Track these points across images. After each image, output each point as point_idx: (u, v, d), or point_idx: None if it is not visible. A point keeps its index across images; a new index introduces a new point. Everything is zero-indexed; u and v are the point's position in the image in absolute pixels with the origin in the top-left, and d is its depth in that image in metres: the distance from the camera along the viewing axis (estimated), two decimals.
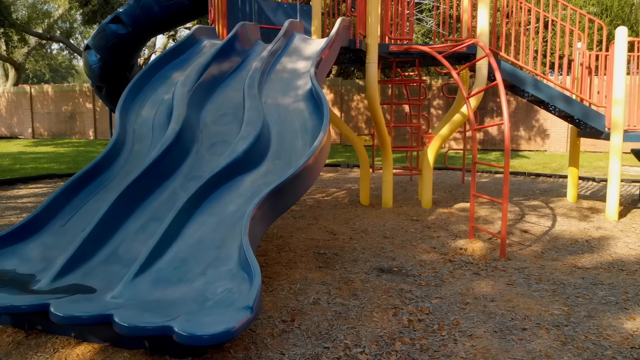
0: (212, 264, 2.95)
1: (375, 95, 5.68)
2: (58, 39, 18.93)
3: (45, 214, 3.56)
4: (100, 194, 3.75)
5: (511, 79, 5.93)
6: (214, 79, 4.64)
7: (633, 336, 2.81)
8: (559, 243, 4.81)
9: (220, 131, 4.21)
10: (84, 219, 3.53)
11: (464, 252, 4.47)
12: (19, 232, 3.43)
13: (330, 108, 4.20)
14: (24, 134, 19.90)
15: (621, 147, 5.69)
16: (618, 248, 4.64)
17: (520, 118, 14.51)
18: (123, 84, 7.16)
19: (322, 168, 4.07)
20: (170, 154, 3.78)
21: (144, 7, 6.24)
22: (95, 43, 6.58)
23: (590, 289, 3.56)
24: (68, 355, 2.58)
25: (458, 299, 3.36)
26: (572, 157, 6.96)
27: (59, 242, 3.38)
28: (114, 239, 3.30)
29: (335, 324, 2.95)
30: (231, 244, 3.07)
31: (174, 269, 2.93)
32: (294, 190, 3.49)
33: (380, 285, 3.58)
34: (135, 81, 4.58)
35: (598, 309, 3.20)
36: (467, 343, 2.71)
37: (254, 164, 3.76)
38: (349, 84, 16.63)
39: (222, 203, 3.43)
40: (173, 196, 3.60)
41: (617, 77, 5.63)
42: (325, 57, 4.70)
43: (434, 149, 6.13)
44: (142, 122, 4.35)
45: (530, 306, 3.23)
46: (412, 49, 5.63)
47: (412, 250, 4.49)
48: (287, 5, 6.36)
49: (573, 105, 5.91)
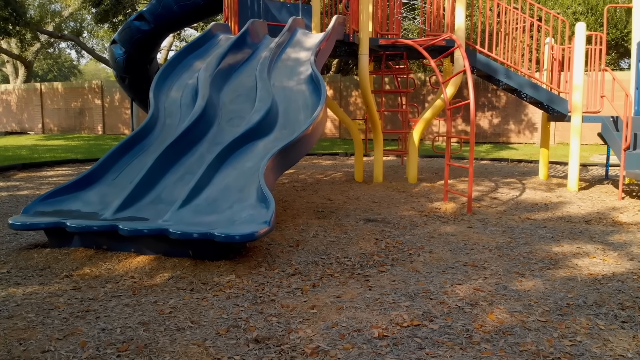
0: (236, 202, 3.93)
1: (366, 82, 6.67)
2: (68, 38, 19.95)
3: (99, 171, 4.54)
4: (141, 157, 4.73)
5: (486, 69, 6.92)
6: (229, 66, 5.62)
7: (556, 254, 3.78)
8: (520, 205, 5.79)
9: (236, 109, 5.19)
10: (130, 175, 4.50)
11: (438, 210, 5.45)
12: (78, 184, 4.40)
13: (327, 91, 5.18)
14: (34, 129, 20.91)
15: (580, 127, 6.67)
16: (569, 209, 5.61)
17: (511, 112, 15.49)
18: (144, 75, 8.17)
19: (319, 136, 5.05)
20: (197, 125, 4.76)
21: (164, 7, 7.23)
22: (120, 38, 7.57)
23: (534, 230, 4.53)
24: (130, 263, 3.55)
25: (426, 235, 4.34)
26: (544, 140, 7.94)
27: (112, 191, 4.36)
28: (157, 187, 4.28)
29: (329, 246, 3.93)
30: (251, 188, 4.05)
31: (207, 205, 3.91)
32: (296, 151, 4.48)
33: (366, 228, 4.56)
34: (164, 68, 5.57)
35: (535, 240, 4.18)
36: (427, 256, 3.70)
37: (265, 132, 4.74)
38: (347, 80, 17.62)
39: (241, 160, 4.41)
40: (201, 157, 4.58)
41: (577, 66, 6.61)
42: (323, 48, 5.69)
43: (419, 131, 7.10)
44: (171, 101, 5.34)
45: (482, 238, 4.21)
46: (398, 43, 6.63)
47: (395, 210, 5.47)
48: (290, 4, 7.35)
49: (540, 92, 6.89)
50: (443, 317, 2.52)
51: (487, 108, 15.77)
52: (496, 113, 15.71)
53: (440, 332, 2.36)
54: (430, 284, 3.05)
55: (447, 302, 2.72)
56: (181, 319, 2.56)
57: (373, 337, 2.31)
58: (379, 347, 2.20)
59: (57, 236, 3.90)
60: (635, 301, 2.80)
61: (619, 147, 6.28)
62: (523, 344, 2.24)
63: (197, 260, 3.49)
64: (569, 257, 3.68)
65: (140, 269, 3.41)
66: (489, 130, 15.76)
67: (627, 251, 3.85)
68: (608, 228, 4.65)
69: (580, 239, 4.21)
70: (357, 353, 2.16)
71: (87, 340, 2.32)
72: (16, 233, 4.52)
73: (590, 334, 2.37)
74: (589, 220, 4.99)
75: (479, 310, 2.63)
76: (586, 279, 3.17)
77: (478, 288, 2.97)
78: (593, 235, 4.36)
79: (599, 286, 3.04)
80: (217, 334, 2.38)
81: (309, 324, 2.49)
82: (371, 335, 2.32)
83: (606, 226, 4.74)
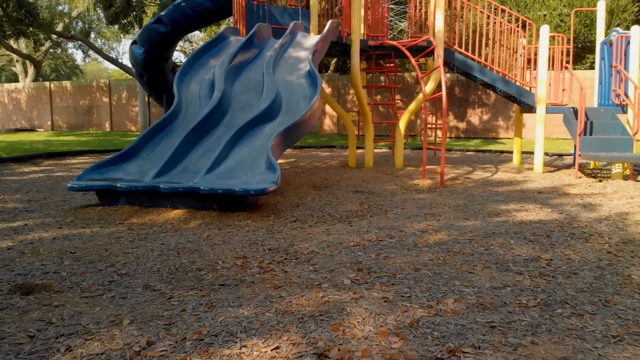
0: (249, 171, 5.04)
1: (357, 78, 7.78)
2: (78, 38, 21.11)
3: (135, 148, 5.64)
4: (168, 138, 5.84)
5: (463, 66, 8.03)
6: (240, 64, 6.74)
7: (501, 209, 4.88)
8: (488, 182, 6.90)
9: (246, 99, 6.30)
10: (161, 152, 5.60)
11: (416, 185, 6.56)
12: (120, 158, 5.51)
13: (323, 88, 6.29)
14: (43, 126, 22.03)
15: (544, 116, 7.79)
16: (529, 185, 6.72)
17: (500, 109, 16.60)
18: (160, 72, 9.29)
19: (315, 121, 6.16)
20: (215, 112, 5.87)
21: (180, 11, 8.35)
22: (141, 39, 8.69)
23: (491, 197, 5.64)
24: (168, 215, 4.66)
25: (402, 200, 5.45)
26: (517, 128, 9.05)
27: (147, 164, 5.46)
28: (184, 161, 5.38)
29: (323, 207, 5.04)
30: (260, 160, 5.16)
31: (227, 173, 5.02)
32: (296, 132, 5.59)
33: (354, 196, 5.67)
34: (184, 66, 6.68)
35: (488, 202, 5.28)
36: (398, 211, 4.81)
37: (271, 117, 5.85)
38: (345, 78, 18.74)
39: (252, 139, 5.52)
40: (219, 138, 5.68)
41: (542, 64, 7.72)
42: (320, 48, 6.80)
43: (404, 121, 8.21)
44: (191, 93, 6.45)
45: (445, 201, 5.32)
46: (385, 44, 7.74)
47: (380, 185, 6.57)
48: (291, 9, 8.46)
49: (510, 86, 8.01)
50: (399, 237, 3.63)
51: (477, 105, 16.89)
52: (486, 110, 16.83)
53: (396, 243, 3.47)
54: (395, 223, 4.16)
55: (405, 231, 3.84)
56: (216, 240, 3.67)
57: (349, 245, 3.42)
58: (352, 250, 3.31)
59: (106, 196, 5.01)
60: (547, 233, 3.90)
61: (575, 133, 7.39)
62: (451, 249, 3.35)
63: (221, 212, 4.60)
64: (510, 211, 4.79)
65: (177, 219, 4.52)
66: (479, 126, 16.87)
67: (560, 209, 4.96)
68: (554, 196, 5.75)
69: (526, 202, 5.32)
70: (337, 252, 3.27)
71: (153, 248, 3.43)
72: (65, 200, 5.61)
73: (501, 245, 3.47)
74: (541, 192, 6.09)
75: (426, 235, 3.74)
76: (516, 222, 4.28)
77: (430, 224, 4.08)
78: (538, 200, 5.47)
79: (522, 225, 4.15)
80: (243, 247, 3.48)
81: (306, 241, 3.59)
82: (348, 245, 3.43)
83: (554, 195, 5.84)
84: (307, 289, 2.57)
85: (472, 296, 2.43)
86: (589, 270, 2.97)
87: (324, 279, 2.73)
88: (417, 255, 3.21)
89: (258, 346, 1.88)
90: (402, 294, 2.48)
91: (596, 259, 3.20)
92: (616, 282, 2.75)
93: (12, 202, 5.49)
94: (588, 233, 3.92)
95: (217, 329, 2.05)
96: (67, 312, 2.29)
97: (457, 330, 2.02)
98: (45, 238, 3.84)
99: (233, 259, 3.19)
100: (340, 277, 2.75)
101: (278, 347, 1.86)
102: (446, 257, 3.16)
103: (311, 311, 2.23)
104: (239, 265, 3.05)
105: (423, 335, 1.98)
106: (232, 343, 1.90)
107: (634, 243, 3.64)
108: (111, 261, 3.15)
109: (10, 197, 5.75)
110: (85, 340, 1.98)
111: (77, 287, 2.68)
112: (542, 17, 17.01)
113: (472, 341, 1.92)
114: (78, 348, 1.91)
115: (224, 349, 1.87)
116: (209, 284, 2.70)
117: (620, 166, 7.03)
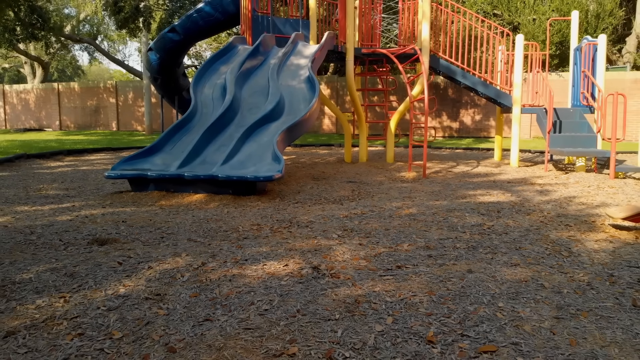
0: (258, 162, 6.11)
1: (351, 81, 8.85)
2: (86, 41, 22.24)
3: (159, 145, 6.71)
4: (187, 135, 6.91)
5: (447, 71, 9.10)
6: (247, 70, 7.81)
7: (469, 194, 5.94)
8: (467, 175, 7.96)
9: (254, 102, 7.37)
10: (181, 147, 6.67)
11: (403, 177, 7.63)
12: (146, 152, 6.58)
13: (322, 90, 7.35)
14: (51, 126, 23.14)
15: (520, 116, 8.85)
16: (502, 176, 7.78)
17: (491, 110, 17.66)
18: (173, 77, 10.38)
19: (314, 120, 7.23)
20: (227, 113, 6.94)
21: (192, 22, 9.43)
22: (155, 46, 9.77)
23: (464, 185, 6.70)
24: (191, 198, 5.72)
25: (387, 188, 6.51)
26: (498, 127, 10.13)
27: (170, 157, 6.53)
28: (202, 154, 6.45)
29: (320, 193, 6.11)
30: (267, 154, 6.23)
31: (239, 164, 6.09)
32: (298, 130, 6.67)
33: (347, 185, 6.74)
34: (199, 72, 7.76)
35: (460, 189, 6.34)
36: (383, 195, 5.87)
37: (276, 117, 6.92)
38: (343, 80, 19.83)
39: (260, 136, 6.59)
40: (231, 135, 6.75)
41: (517, 69, 8.79)
42: (318, 56, 7.88)
43: (395, 120, 9.28)
44: (205, 96, 7.52)
45: (424, 188, 6.38)
46: (376, 51, 8.82)
47: (371, 177, 7.64)
48: (292, 20, 9.54)
49: (489, 88, 9.08)
50: (379, 211, 4.71)
51: (469, 105, 17.96)
52: (478, 110, 17.90)
53: (375, 215, 4.54)
54: (378, 203, 5.23)
55: (384, 207, 4.91)
56: (234, 214, 4.74)
57: (340, 217, 4.49)
58: (341, 219, 4.39)
59: (137, 184, 6.08)
60: (498, 210, 4.95)
61: (545, 131, 8.46)
62: (417, 218, 4.42)
63: (235, 196, 5.67)
64: (476, 196, 5.85)
65: (198, 201, 5.59)
66: (471, 125, 17.94)
67: (519, 194, 6.02)
68: (519, 184, 6.81)
69: (492, 189, 6.38)
70: (329, 221, 4.35)
71: (186, 219, 4.50)
72: (98, 188, 6.67)
73: (457, 217, 4.54)
74: (510, 182, 7.15)
75: (401, 210, 4.81)
76: (477, 202, 5.35)
77: (405, 204, 5.15)
78: (504, 187, 6.54)
79: (481, 204, 5.21)
80: (256, 218, 4.55)
81: (305, 215, 4.66)
82: (339, 217, 4.50)
83: (519, 184, 6.90)
84: (306, 239, 3.64)
85: (422, 242, 3.50)
86: (518, 232, 4.04)
87: (318, 234, 3.80)
88: (390, 222, 4.28)
89: (274, 265, 2.95)
90: (373, 242, 3.54)
91: (528, 226, 4.27)
92: (534, 238, 3.82)
93: (53, 189, 6.55)
94: (532, 210, 4.98)
95: (246, 256, 3.11)
96: (139, 251, 3.36)
97: (405, 257, 3.09)
98: (96, 214, 4.91)
99: (250, 225, 4.26)
100: (331, 234, 3.82)
101: (287, 265, 2.93)
102: (411, 223, 4.23)
103: (309, 249, 3.29)
104: (255, 229, 4.12)
105: (382, 260, 3.05)
106: (257, 263, 2.98)
107: (566, 216, 4.69)
108: (157, 226, 4.22)
109: (49, 186, 6.82)
110: (159, 263, 3.05)
111: (138, 240, 3.74)
112: (531, 21, 18.07)
113: (413, 262, 2.99)
114: (156, 267, 2.98)
115: (252, 266, 2.94)
116: (235, 239, 3.77)
117: (583, 160, 8.10)
